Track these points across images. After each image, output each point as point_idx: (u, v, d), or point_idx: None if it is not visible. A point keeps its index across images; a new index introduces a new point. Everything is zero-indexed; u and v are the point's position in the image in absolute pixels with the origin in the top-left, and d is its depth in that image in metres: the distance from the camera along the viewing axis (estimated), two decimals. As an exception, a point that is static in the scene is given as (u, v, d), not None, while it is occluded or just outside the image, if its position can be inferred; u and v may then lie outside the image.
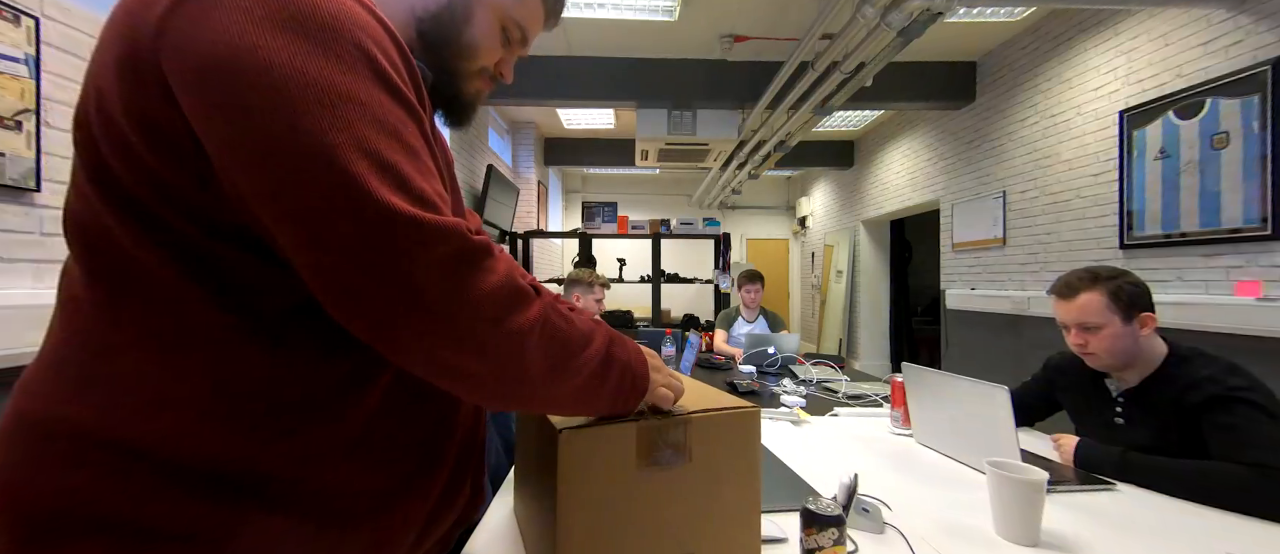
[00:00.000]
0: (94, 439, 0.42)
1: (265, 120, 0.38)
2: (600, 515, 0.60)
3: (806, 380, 2.17)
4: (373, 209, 0.39)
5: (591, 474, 0.60)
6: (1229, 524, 0.93)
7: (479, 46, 0.58)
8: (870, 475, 1.13)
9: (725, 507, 0.65)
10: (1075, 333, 1.22)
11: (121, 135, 0.42)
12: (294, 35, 0.39)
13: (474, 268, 0.43)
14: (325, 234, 0.39)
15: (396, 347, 0.43)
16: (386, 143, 0.41)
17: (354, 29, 0.42)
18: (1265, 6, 2.31)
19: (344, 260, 0.40)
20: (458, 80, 0.59)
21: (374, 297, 0.40)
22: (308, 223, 0.39)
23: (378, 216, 0.39)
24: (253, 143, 0.39)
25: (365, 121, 0.40)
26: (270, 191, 0.39)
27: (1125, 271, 1.21)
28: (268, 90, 0.38)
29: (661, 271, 4.84)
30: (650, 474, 0.62)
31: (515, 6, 0.59)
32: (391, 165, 0.41)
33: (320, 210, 0.39)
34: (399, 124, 0.43)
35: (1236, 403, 1.04)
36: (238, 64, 0.38)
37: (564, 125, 5.75)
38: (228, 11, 0.39)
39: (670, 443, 0.62)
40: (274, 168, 0.39)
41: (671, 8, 3.26)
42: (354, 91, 0.40)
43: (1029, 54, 3.60)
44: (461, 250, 0.43)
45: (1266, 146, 2.26)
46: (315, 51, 0.40)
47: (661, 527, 0.62)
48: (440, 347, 0.43)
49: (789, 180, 8.71)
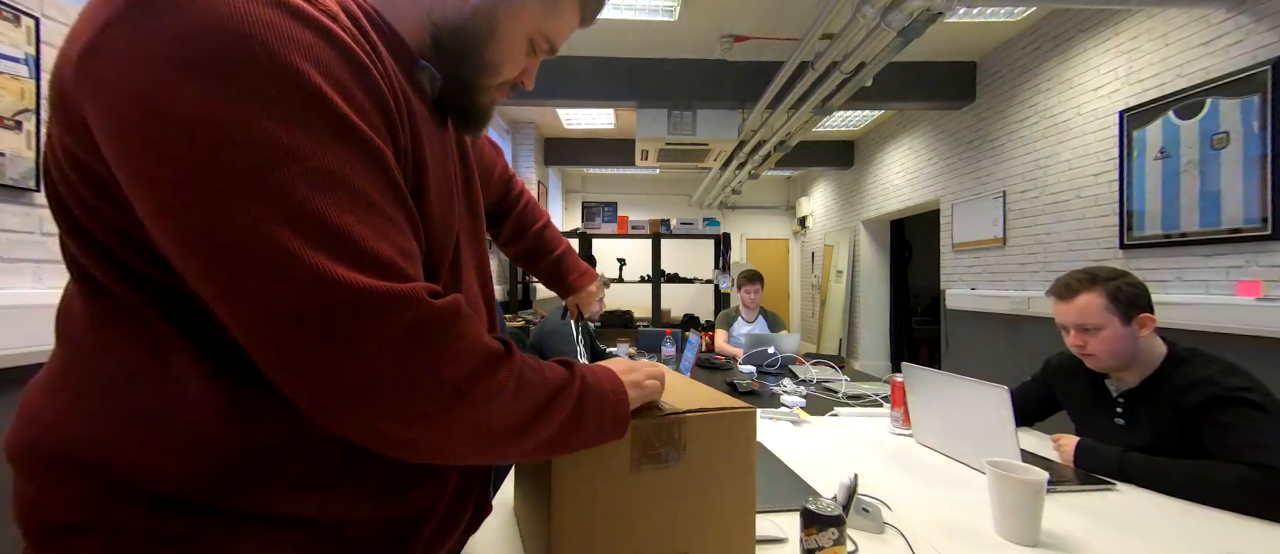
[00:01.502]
0: (93, 470, 0.41)
1: (181, 194, 0.34)
2: (593, 515, 0.60)
3: (806, 380, 2.17)
4: (313, 285, 0.34)
5: (584, 473, 0.60)
6: (1229, 524, 0.93)
7: (500, 65, 0.54)
8: (870, 475, 1.13)
9: (720, 507, 0.65)
10: (1074, 334, 1.22)
11: (66, 178, 0.40)
12: (214, 76, 0.34)
13: (439, 333, 0.39)
14: (258, 318, 0.35)
15: (342, 423, 0.38)
16: (328, 199, 0.36)
17: (288, 54, 0.35)
18: (1265, 6, 2.31)
19: (284, 343, 0.35)
20: (474, 94, 0.54)
21: (317, 377, 0.36)
22: (237, 305, 0.35)
23: (319, 294, 0.35)
24: (171, 217, 0.35)
25: (301, 178, 0.35)
26: (194, 269, 0.36)
27: (1124, 272, 1.21)
28: (180, 156, 0.33)
29: (661, 271, 4.84)
30: (644, 474, 0.61)
31: (547, 18, 0.54)
32: (335, 229, 0.36)
33: (251, 292, 0.35)
34: (348, 175, 0.37)
35: (1236, 403, 1.04)
36: (150, 118, 0.33)
37: (564, 125, 5.75)
38: (143, 48, 0.34)
39: (664, 443, 0.62)
40: (196, 246, 0.35)
41: (671, 8, 3.26)
42: (286, 141, 0.35)
43: (1029, 54, 3.60)
44: (420, 320, 0.38)
45: (1266, 146, 2.26)
46: (240, 94, 0.34)
47: (655, 527, 0.62)
48: (393, 423, 0.39)
49: (789, 180, 8.70)
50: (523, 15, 0.52)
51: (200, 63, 0.34)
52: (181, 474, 0.41)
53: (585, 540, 0.60)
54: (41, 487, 0.43)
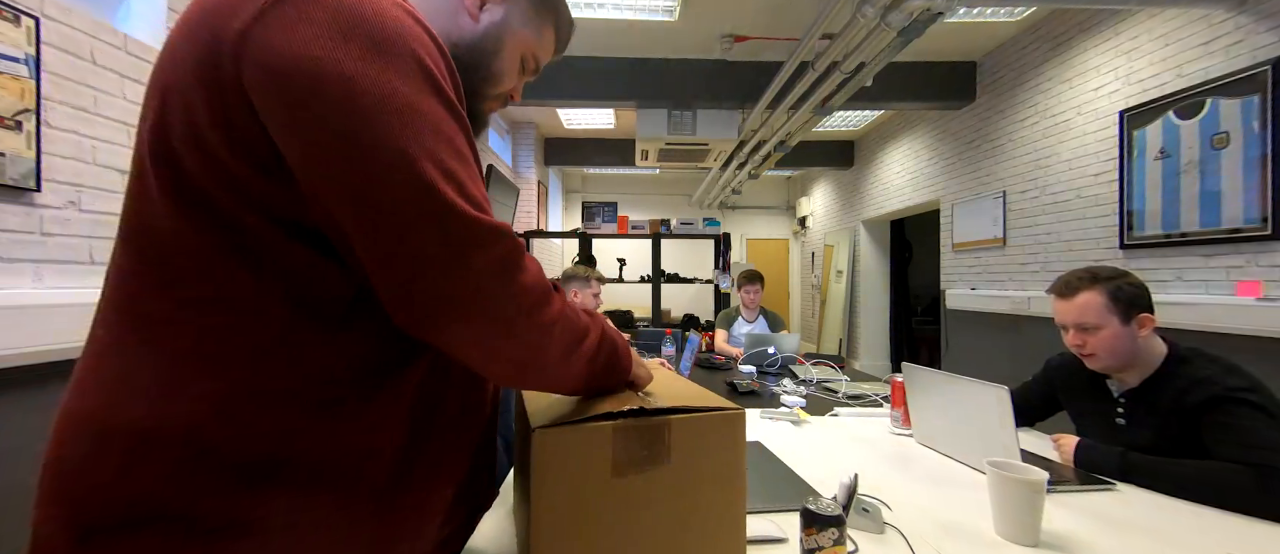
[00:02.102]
0: (148, 437, 0.44)
1: (346, 126, 0.42)
2: (575, 515, 0.60)
3: (806, 380, 2.17)
4: (445, 211, 0.44)
5: (566, 473, 0.59)
6: (1229, 524, 0.93)
7: (503, 76, 0.65)
8: (870, 475, 1.13)
9: (707, 512, 0.63)
10: (1074, 333, 1.22)
11: (200, 135, 0.45)
12: (366, 48, 0.43)
13: (518, 267, 0.48)
14: (406, 233, 0.43)
15: (448, 333, 0.47)
16: (447, 151, 0.45)
17: (414, 44, 0.46)
18: (1265, 6, 2.31)
19: (417, 256, 0.44)
20: (478, 101, 0.64)
21: (440, 289, 0.45)
22: (389, 223, 0.43)
23: (450, 218, 0.44)
24: (334, 148, 0.43)
25: (429, 131, 0.45)
26: (351, 194, 0.43)
27: (1125, 272, 1.21)
28: (346, 99, 0.42)
29: (661, 271, 4.84)
30: (629, 477, 0.61)
31: (535, 42, 0.67)
32: (452, 172, 0.45)
33: (400, 212, 0.43)
34: (453, 134, 0.47)
35: (1236, 403, 1.04)
36: (319, 74, 0.42)
37: (564, 125, 5.75)
38: (307, 25, 0.43)
39: (648, 443, 0.61)
40: (355, 172, 0.43)
41: (671, 8, 3.26)
42: (419, 103, 0.45)
43: (1029, 54, 3.60)
44: (509, 251, 0.48)
45: (1266, 146, 2.26)
46: (385, 64, 0.44)
47: (640, 530, 0.61)
48: (489, 334, 0.48)
49: (789, 180, 8.71)
50: (519, 37, 0.65)
51: (359, 37, 0.43)
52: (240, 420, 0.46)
53: (566, 540, 0.60)
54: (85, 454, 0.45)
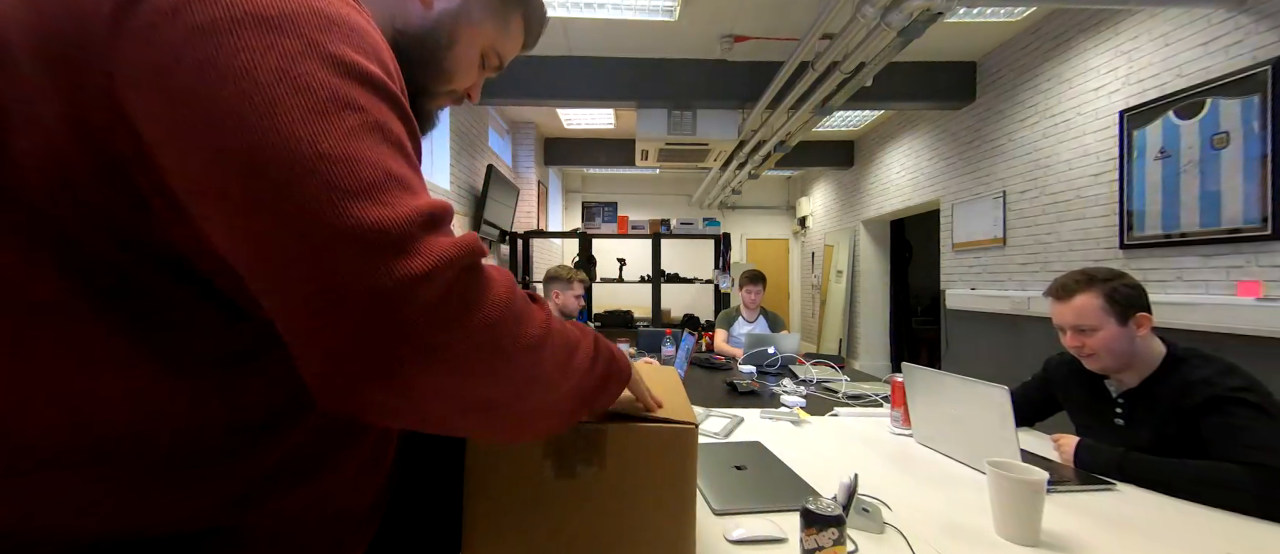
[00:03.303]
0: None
1: (254, 132, 0.33)
2: (506, 509, 0.60)
3: (806, 380, 2.17)
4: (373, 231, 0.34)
5: (499, 468, 0.60)
6: (1229, 524, 0.93)
7: (457, 72, 0.57)
8: (870, 475, 1.13)
9: (646, 530, 0.61)
10: (1071, 335, 1.22)
11: (50, 144, 0.35)
12: (271, 28, 0.34)
13: (482, 282, 0.39)
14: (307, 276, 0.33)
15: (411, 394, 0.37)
16: (390, 154, 0.36)
17: (349, 31, 0.37)
18: (1265, 6, 2.31)
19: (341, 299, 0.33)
20: (426, 99, 0.56)
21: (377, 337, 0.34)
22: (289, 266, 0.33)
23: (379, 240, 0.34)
24: (236, 156, 0.33)
25: (366, 129, 0.36)
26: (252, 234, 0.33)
27: (1122, 273, 1.21)
28: (252, 99, 0.33)
29: (661, 271, 4.84)
30: (564, 481, 0.60)
31: (499, 37, 0.58)
32: (399, 177, 0.36)
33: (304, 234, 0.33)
34: (401, 135, 0.38)
35: (1235, 404, 1.04)
36: (216, 71, 0.33)
37: (564, 125, 5.75)
38: (208, 7, 0.33)
39: (580, 452, 0.60)
40: (255, 183, 0.33)
41: (671, 8, 3.26)
42: (354, 99, 0.36)
43: (1029, 54, 3.60)
44: (471, 268, 0.38)
45: (1266, 146, 2.26)
46: (306, 52, 0.35)
47: (573, 536, 0.61)
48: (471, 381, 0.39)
49: (789, 180, 8.70)
50: (481, 31, 0.56)
51: (271, 21, 0.34)
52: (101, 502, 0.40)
53: (496, 533, 0.60)
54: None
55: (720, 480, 1.03)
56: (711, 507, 0.93)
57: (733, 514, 0.90)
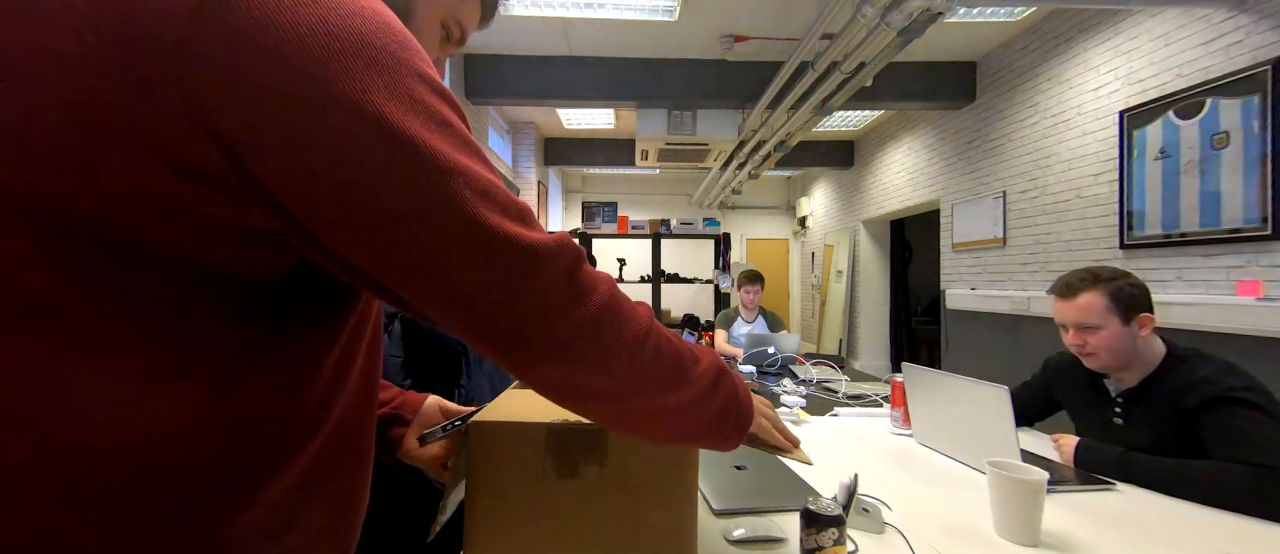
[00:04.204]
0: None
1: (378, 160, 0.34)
2: (507, 508, 0.60)
3: (806, 380, 2.17)
4: (500, 242, 0.37)
5: (501, 468, 0.60)
6: (1229, 524, 0.93)
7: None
8: (870, 475, 1.13)
9: (648, 530, 0.61)
10: (1074, 333, 1.22)
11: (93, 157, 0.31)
12: (375, 65, 0.34)
13: (584, 279, 0.42)
14: (452, 276, 0.37)
15: (531, 368, 0.41)
16: (477, 164, 0.39)
17: (412, 42, 0.37)
18: (1265, 6, 2.31)
19: (479, 297, 0.38)
20: None
21: (515, 331, 0.39)
22: (437, 268, 0.37)
23: (507, 249, 0.37)
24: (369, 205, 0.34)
25: (459, 145, 0.38)
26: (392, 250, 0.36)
27: (1126, 273, 1.22)
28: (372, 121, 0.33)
29: (661, 271, 4.84)
30: (566, 481, 0.60)
31: (457, 5, 0.53)
32: (489, 191, 0.38)
33: (450, 254, 0.37)
34: (472, 140, 0.40)
35: (1235, 403, 1.04)
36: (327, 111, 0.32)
37: (564, 125, 5.75)
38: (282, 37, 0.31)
39: (580, 449, 0.60)
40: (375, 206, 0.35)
41: (671, 8, 3.26)
42: (444, 116, 0.38)
43: (1029, 54, 3.60)
44: (574, 262, 0.41)
45: (1266, 146, 2.26)
46: (401, 79, 0.35)
47: (574, 535, 0.61)
48: (580, 369, 0.42)
49: (789, 180, 8.70)
50: (437, 1, 0.51)
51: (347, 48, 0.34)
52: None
53: (498, 534, 0.60)
54: None
55: (720, 480, 1.03)
56: (711, 507, 0.93)
57: (733, 514, 0.91)
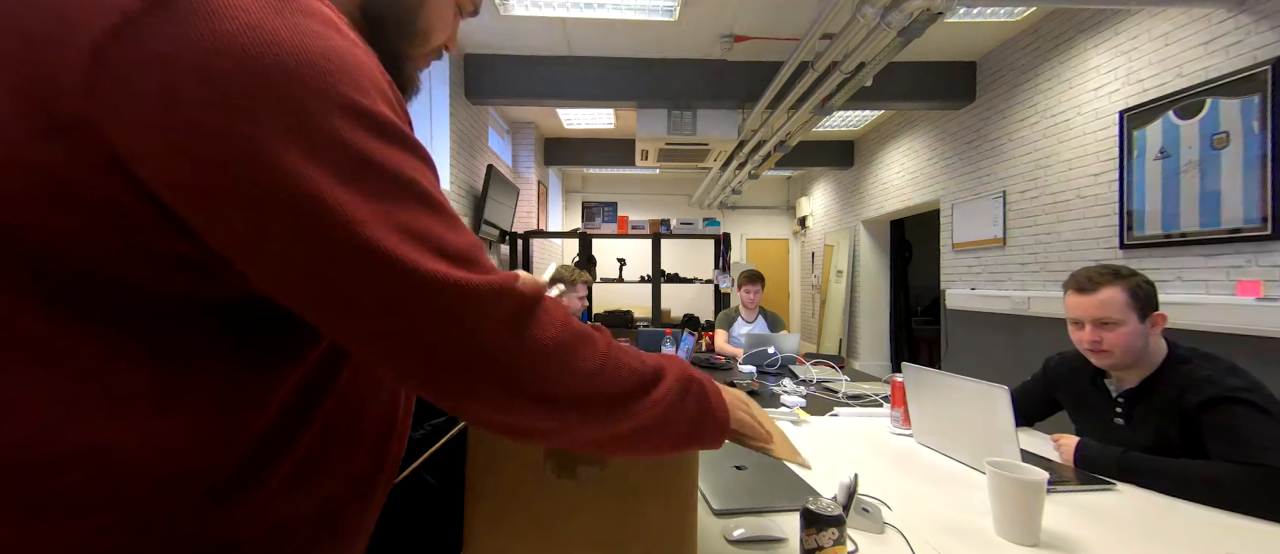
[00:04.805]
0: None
1: (276, 213, 0.34)
2: (507, 509, 0.60)
3: (806, 380, 2.17)
4: (420, 285, 0.36)
5: (500, 468, 0.60)
6: (1229, 524, 0.93)
7: (433, 30, 0.54)
8: (870, 475, 1.13)
9: (648, 530, 0.61)
10: (1090, 329, 1.21)
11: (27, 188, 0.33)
12: (283, 103, 0.34)
13: (532, 321, 0.41)
14: (373, 324, 0.37)
15: (467, 408, 0.42)
16: (409, 204, 0.38)
17: (346, 71, 0.36)
18: (1265, 6, 2.31)
19: (401, 342, 0.38)
20: (405, 63, 0.53)
21: (442, 374, 0.39)
22: (354, 315, 0.37)
23: (429, 291, 0.37)
24: (271, 236, 0.34)
25: (385, 186, 0.37)
26: (303, 293, 0.37)
27: (1137, 271, 1.22)
28: (269, 171, 0.33)
29: (661, 271, 4.84)
30: (567, 482, 0.60)
31: None
32: (422, 232, 0.38)
33: (363, 301, 0.36)
34: (416, 175, 0.39)
35: (1236, 403, 1.04)
36: (225, 144, 0.32)
37: (564, 125, 5.75)
38: (191, 72, 0.32)
39: (580, 452, 0.60)
40: (298, 258, 0.35)
41: (671, 8, 3.26)
42: (368, 154, 0.36)
43: (1029, 54, 3.60)
44: (519, 306, 0.41)
45: (1266, 146, 2.26)
46: (314, 116, 0.34)
47: (574, 536, 0.61)
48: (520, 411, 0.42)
49: (789, 180, 8.70)
50: None
51: (266, 80, 0.33)
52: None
53: (498, 533, 0.60)
54: None
55: (720, 480, 1.03)
56: (711, 507, 0.93)
57: (733, 514, 0.91)
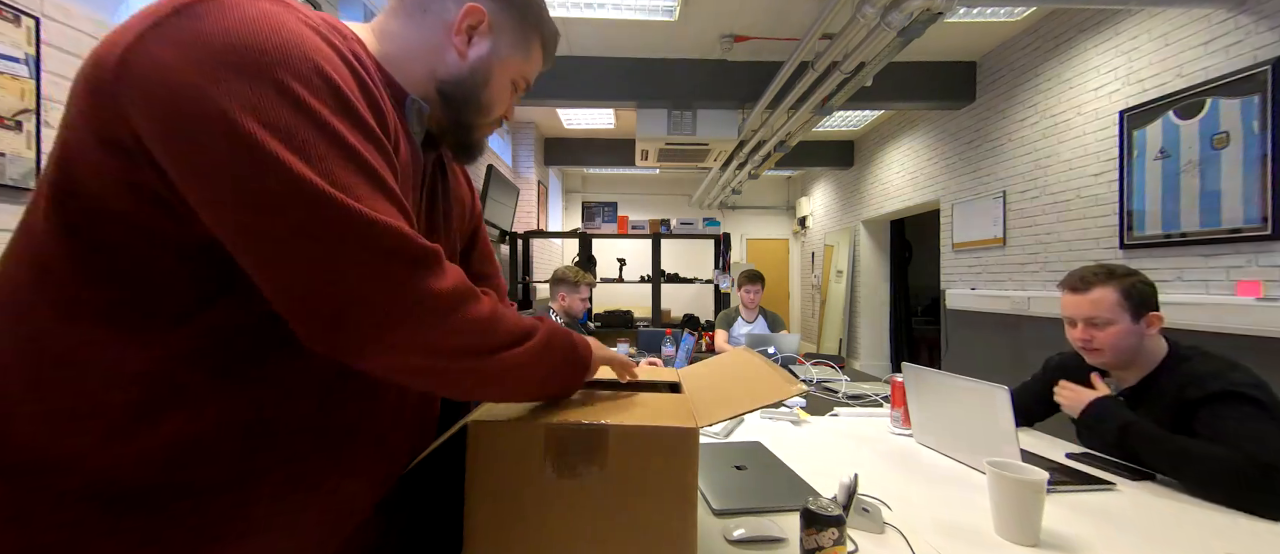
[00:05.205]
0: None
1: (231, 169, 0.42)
2: (506, 509, 0.60)
3: (806, 380, 2.17)
4: (342, 219, 0.44)
5: (500, 468, 0.60)
6: (1229, 524, 0.93)
7: (495, 104, 0.66)
8: (870, 475, 1.13)
9: (647, 530, 0.61)
10: (1082, 328, 1.22)
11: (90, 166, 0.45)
12: (247, 70, 0.42)
13: (428, 270, 0.49)
14: (284, 251, 0.44)
15: (366, 356, 0.48)
16: (340, 164, 0.45)
17: (309, 58, 0.45)
18: (1265, 6, 2.31)
19: (303, 270, 0.44)
20: (471, 132, 0.67)
21: (346, 310, 0.46)
22: (269, 250, 0.44)
23: (351, 226, 0.44)
24: (219, 187, 0.43)
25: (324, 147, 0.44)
26: (239, 231, 0.44)
27: (1136, 271, 1.22)
28: (227, 138, 0.41)
29: (661, 271, 4.84)
30: (567, 483, 0.60)
31: (524, 64, 0.68)
32: (346, 184, 0.45)
33: (286, 238, 0.44)
34: (359, 146, 0.47)
35: (1238, 398, 1.04)
36: (195, 113, 0.41)
37: (564, 125, 5.74)
38: (177, 57, 0.41)
39: (581, 450, 0.61)
40: (240, 207, 0.43)
41: (671, 8, 3.26)
42: (319, 120, 0.44)
43: (1029, 54, 3.60)
44: (416, 255, 0.48)
45: (1266, 146, 2.26)
46: (265, 89, 0.42)
47: (573, 536, 0.61)
48: (416, 343, 0.49)
49: (789, 180, 8.70)
50: (509, 65, 0.65)
51: (236, 64, 0.42)
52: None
53: (497, 535, 0.60)
54: None
55: (720, 480, 1.03)
56: (711, 507, 0.93)
57: (733, 514, 0.91)
